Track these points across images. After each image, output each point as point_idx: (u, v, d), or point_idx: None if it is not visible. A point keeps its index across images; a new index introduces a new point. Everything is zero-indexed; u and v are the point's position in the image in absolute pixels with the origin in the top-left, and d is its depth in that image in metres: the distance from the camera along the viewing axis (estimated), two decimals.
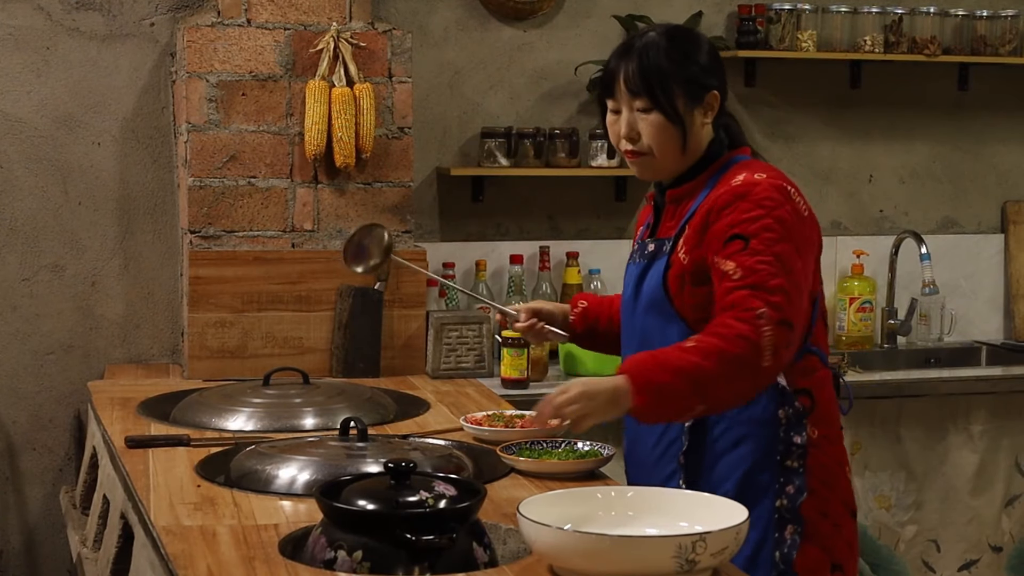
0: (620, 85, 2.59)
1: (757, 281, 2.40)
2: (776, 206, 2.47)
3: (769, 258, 2.42)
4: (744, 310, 2.39)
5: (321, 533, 2.12)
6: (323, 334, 3.91)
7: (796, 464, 2.54)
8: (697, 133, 2.61)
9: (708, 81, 2.61)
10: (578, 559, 1.98)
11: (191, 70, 3.86)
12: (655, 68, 2.57)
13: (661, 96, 2.56)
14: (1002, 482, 4.33)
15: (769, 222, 2.45)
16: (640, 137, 2.59)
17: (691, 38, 2.66)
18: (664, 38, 2.60)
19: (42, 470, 4.15)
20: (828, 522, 2.56)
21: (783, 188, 2.50)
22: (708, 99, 2.61)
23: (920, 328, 4.76)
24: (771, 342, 2.37)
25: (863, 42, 4.62)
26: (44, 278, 4.11)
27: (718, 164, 2.62)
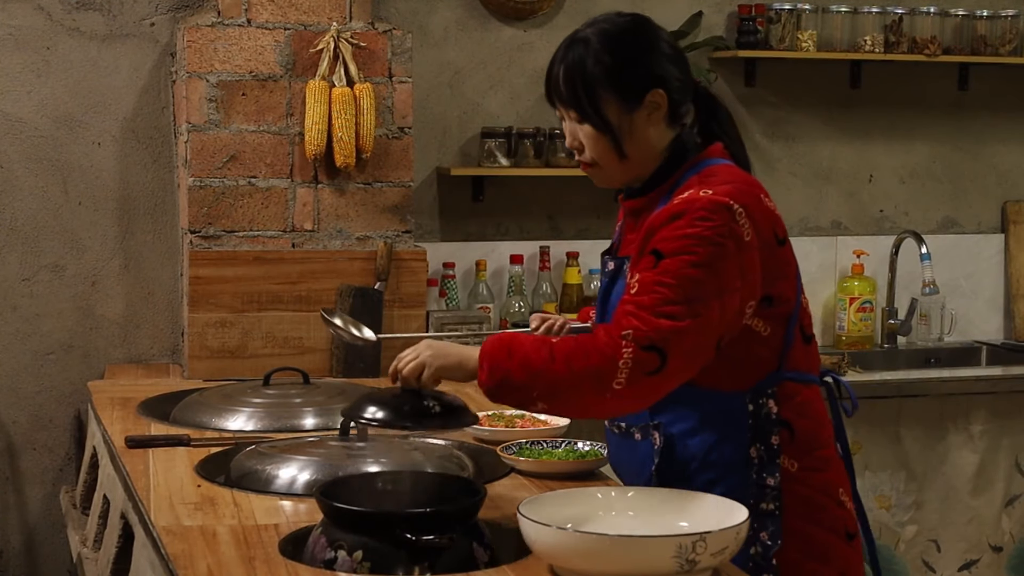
0: (553, 94, 2.43)
1: (646, 302, 2.22)
2: (709, 228, 2.25)
3: (673, 281, 2.22)
4: (616, 325, 2.21)
5: (321, 533, 2.12)
6: (323, 334, 3.91)
7: (772, 506, 2.37)
8: (642, 138, 2.39)
9: (647, 81, 2.37)
10: (578, 559, 1.98)
11: (191, 70, 3.86)
12: (579, 75, 2.37)
13: (588, 106, 2.37)
14: (1002, 482, 4.33)
15: (690, 243, 2.24)
16: (583, 146, 2.42)
17: (629, 34, 2.41)
18: (597, 37, 2.39)
19: (42, 470, 4.15)
20: (814, 560, 2.41)
21: (726, 207, 2.27)
22: (650, 100, 2.38)
23: (920, 328, 4.76)
24: (628, 365, 2.18)
25: (863, 42, 4.62)
26: (44, 278, 4.11)
27: (680, 171, 2.42)
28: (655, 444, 2.40)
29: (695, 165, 2.42)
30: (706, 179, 2.36)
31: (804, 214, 4.77)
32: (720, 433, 2.37)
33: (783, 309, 2.40)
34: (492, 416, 3.08)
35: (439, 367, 2.33)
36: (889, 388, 4.23)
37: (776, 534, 2.36)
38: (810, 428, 2.43)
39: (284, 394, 3.26)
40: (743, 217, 2.28)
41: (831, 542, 2.43)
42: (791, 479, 2.39)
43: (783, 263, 2.42)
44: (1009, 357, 4.72)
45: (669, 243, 2.25)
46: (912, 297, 4.71)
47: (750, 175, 2.47)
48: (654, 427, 2.40)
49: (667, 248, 2.25)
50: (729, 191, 2.30)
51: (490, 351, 2.27)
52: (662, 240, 2.26)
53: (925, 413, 4.24)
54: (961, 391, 4.29)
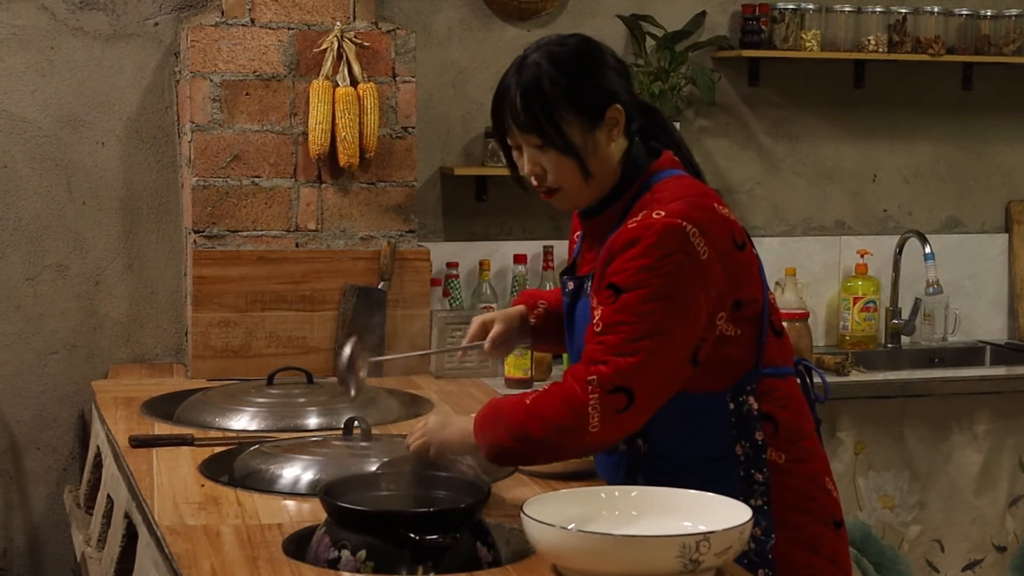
0: (509, 122, 2.41)
1: (611, 341, 2.25)
2: (663, 256, 2.26)
3: (632, 319, 2.25)
4: (584, 369, 2.26)
5: (325, 532, 2.12)
6: (327, 333, 3.91)
7: (760, 502, 2.39)
8: (603, 156, 2.40)
9: (604, 99, 2.38)
10: (582, 559, 1.98)
11: (195, 70, 3.86)
12: (538, 98, 2.36)
13: (551, 131, 2.35)
14: (1006, 482, 4.33)
15: (645, 277, 2.26)
16: (545, 173, 2.40)
17: (579, 53, 2.41)
18: (548, 60, 2.37)
19: (46, 469, 4.15)
20: (804, 551, 2.43)
21: (679, 230, 2.27)
22: (609, 116, 2.39)
23: (924, 328, 4.76)
24: (598, 409, 2.23)
25: (867, 42, 4.62)
26: (48, 277, 4.11)
27: (634, 187, 2.42)
28: (641, 451, 2.43)
29: (647, 180, 2.42)
30: (658, 196, 2.36)
31: (808, 214, 4.77)
32: (704, 434, 2.40)
33: (752, 310, 2.41)
34: None
35: (442, 443, 2.41)
36: (893, 388, 4.23)
37: (768, 528, 2.39)
38: (793, 420, 2.46)
39: (288, 394, 3.26)
40: (697, 236, 2.29)
41: (820, 531, 2.46)
42: (780, 471, 2.42)
43: (746, 266, 2.42)
44: (1013, 357, 4.72)
45: (626, 276, 2.27)
46: (916, 297, 4.70)
47: (702, 184, 2.46)
48: (639, 436, 2.41)
49: (624, 282, 2.27)
50: (681, 210, 2.31)
51: (480, 426, 2.36)
52: (619, 272, 2.28)
53: (929, 413, 4.24)
54: (965, 391, 4.28)
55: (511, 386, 3.91)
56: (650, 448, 2.42)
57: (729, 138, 4.65)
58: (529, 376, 3.94)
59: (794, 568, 2.42)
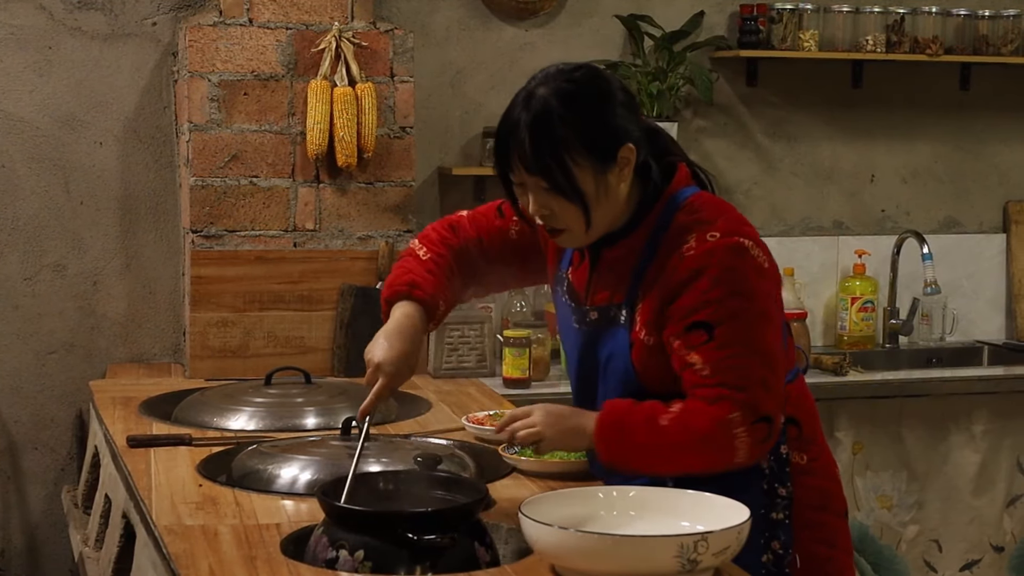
0: (517, 162, 2.30)
1: (727, 380, 2.23)
2: (738, 280, 2.25)
3: (739, 350, 2.23)
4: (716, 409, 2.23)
5: (323, 533, 2.12)
6: (325, 333, 3.91)
7: (782, 515, 2.38)
8: (614, 197, 2.32)
9: (617, 139, 2.30)
10: (580, 559, 1.98)
11: (193, 69, 3.86)
12: (550, 143, 2.25)
13: (560, 177, 2.26)
14: (1004, 482, 4.33)
15: (734, 305, 2.24)
16: (553, 212, 2.32)
17: (590, 91, 2.31)
18: (558, 99, 2.27)
19: (44, 469, 4.15)
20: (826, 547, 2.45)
21: (739, 248, 2.27)
22: (621, 157, 2.31)
23: (922, 328, 4.76)
24: (745, 443, 2.24)
25: (865, 42, 4.62)
26: (46, 277, 4.11)
27: (656, 211, 2.37)
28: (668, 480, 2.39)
29: (672, 199, 2.38)
30: (700, 217, 2.33)
31: (806, 214, 4.77)
32: None
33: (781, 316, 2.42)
34: (494, 416, 3.08)
35: (556, 440, 2.35)
36: (891, 388, 4.23)
37: (788, 543, 2.39)
38: (809, 419, 2.48)
39: (286, 394, 3.26)
40: (755, 248, 2.30)
41: (837, 525, 2.49)
42: (803, 472, 2.43)
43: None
44: (1011, 357, 4.72)
45: (710, 311, 2.24)
46: (914, 297, 4.71)
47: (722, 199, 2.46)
48: None
49: (712, 317, 2.24)
50: (732, 227, 2.31)
51: (604, 439, 2.29)
52: (699, 309, 2.25)
53: (927, 413, 4.24)
54: (963, 391, 4.29)
55: (509, 386, 3.91)
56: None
57: (727, 138, 4.65)
58: (527, 376, 3.94)
59: (818, 564, 2.43)
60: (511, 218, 2.59)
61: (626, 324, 2.38)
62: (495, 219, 2.63)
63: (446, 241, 2.62)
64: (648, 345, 2.35)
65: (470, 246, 2.61)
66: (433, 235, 2.64)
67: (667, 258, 2.32)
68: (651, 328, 2.34)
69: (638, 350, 2.37)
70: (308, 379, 3.35)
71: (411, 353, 2.45)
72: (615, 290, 2.40)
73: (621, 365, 2.39)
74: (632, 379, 2.39)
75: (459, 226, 2.65)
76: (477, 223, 2.64)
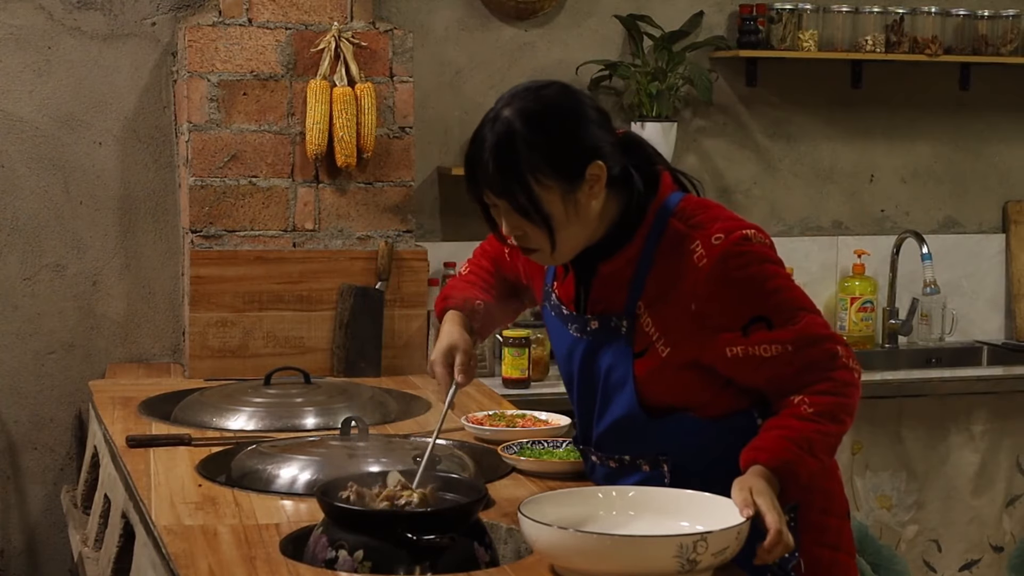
0: (483, 185, 2.30)
1: (811, 337, 2.28)
2: (759, 266, 2.29)
3: (797, 313, 2.28)
4: (826, 358, 2.28)
5: (322, 532, 2.12)
6: (324, 333, 3.91)
7: (787, 518, 2.31)
8: (585, 215, 2.29)
9: (585, 156, 2.26)
10: (579, 559, 1.98)
11: (192, 69, 3.86)
12: (513, 166, 2.23)
13: (524, 200, 2.24)
14: (1003, 482, 4.33)
15: (769, 286, 2.29)
16: (525, 233, 2.30)
17: (557, 110, 2.27)
18: (521, 120, 2.24)
19: (43, 469, 4.15)
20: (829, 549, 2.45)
21: (745, 238, 2.29)
22: (590, 175, 2.27)
23: (921, 328, 4.76)
24: (859, 369, 2.32)
25: (864, 42, 4.62)
26: (45, 277, 4.11)
27: (648, 221, 2.34)
28: (665, 477, 2.40)
29: (662, 206, 2.36)
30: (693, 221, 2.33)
31: (805, 214, 4.77)
32: (733, 456, 2.30)
33: None
34: (493, 416, 3.08)
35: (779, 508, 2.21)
36: (890, 388, 4.23)
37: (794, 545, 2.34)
38: None
39: (285, 394, 3.26)
40: (757, 234, 2.33)
41: (839, 526, 2.48)
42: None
43: None
44: (1010, 357, 4.72)
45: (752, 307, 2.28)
46: (913, 297, 4.71)
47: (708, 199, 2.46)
48: (663, 460, 2.39)
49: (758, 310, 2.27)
50: (730, 224, 2.32)
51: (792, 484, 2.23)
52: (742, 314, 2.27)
53: (926, 413, 4.24)
54: (962, 391, 4.29)
55: (509, 386, 3.91)
56: (675, 474, 2.39)
57: (726, 138, 4.65)
58: (527, 376, 3.94)
59: (822, 567, 2.42)
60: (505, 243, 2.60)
61: (627, 335, 2.37)
62: (496, 242, 2.68)
63: (485, 255, 2.76)
64: (661, 356, 2.33)
65: (501, 262, 2.72)
66: (474, 256, 2.80)
67: (674, 269, 2.31)
68: (671, 337, 2.33)
69: (646, 361, 2.35)
70: (307, 379, 3.35)
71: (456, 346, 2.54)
72: (612, 301, 2.39)
73: (621, 375, 2.38)
74: (630, 389, 2.37)
75: (483, 253, 2.79)
76: (489, 250, 2.76)
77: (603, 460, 2.49)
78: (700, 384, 2.36)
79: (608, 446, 2.46)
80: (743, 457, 2.24)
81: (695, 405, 2.38)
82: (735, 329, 2.28)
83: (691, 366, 2.34)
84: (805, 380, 2.28)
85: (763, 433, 2.27)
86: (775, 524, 2.09)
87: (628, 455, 2.44)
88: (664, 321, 2.33)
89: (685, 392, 2.36)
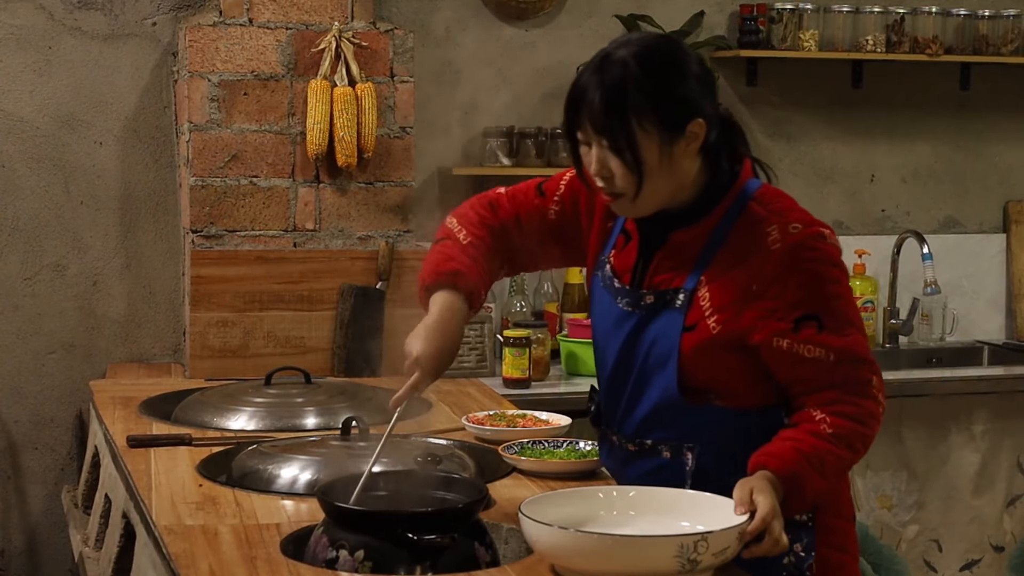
0: (584, 119, 2.28)
1: (853, 356, 2.28)
2: (827, 267, 2.32)
3: (848, 328, 2.29)
4: (858, 384, 2.29)
5: (323, 532, 2.12)
6: (325, 333, 3.91)
7: (805, 517, 2.36)
8: (678, 170, 2.31)
9: (689, 111, 2.28)
10: (580, 559, 1.98)
11: (193, 69, 3.86)
12: (620, 105, 2.24)
13: (623, 141, 2.25)
14: (1004, 482, 4.33)
15: (832, 289, 2.31)
16: (613, 175, 2.29)
17: (670, 59, 2.29)
18: (636, 62, 2.25)
19: (44, 469, 4.15)
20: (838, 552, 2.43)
21: (821, 236, 2.32)
22: (690, 131, 2.29)
23: (922, 328, 4.76)
24: (884, 404, 2.33)
25: (865, 42, 4.62)
26: (46, 277, 4.11)
27: (728, 200, 2.36)
28: (687, 465, 2.37)
29: (743, 189, 2.38)
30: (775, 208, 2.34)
31: None
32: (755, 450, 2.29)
33: None
34: (493, 416, 3.08)
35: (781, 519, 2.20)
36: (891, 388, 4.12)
37: (810, 546, 2.36)
38: None
39: (286, 393, 3.26)
40: (831, 236, 2.37)
41: (846, 528, 2.47)
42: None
43: None
44: (1011, 357, 4.72)
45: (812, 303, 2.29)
46: (914, 297, 4.71)
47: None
48: (688, 448, 2.37)
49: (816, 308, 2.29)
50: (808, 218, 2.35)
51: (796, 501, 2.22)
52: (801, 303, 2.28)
53: (927, 413, 4.24)
54: (963, 391, 4.28)
55: (509, 386, 3.91)
56: (699, 466, 2.37)
57: None
58: (527, 376, 3.94)
59: (830, 569, 2.41)
60: (552, 197, 2.56)
61: (681, 308, 2.35)
62: (535, 198, 2.58)
63: (485, 222, 2.58)
64: (712, 333, 2.32)
65: (509, 225, 2.58)
66: (472, 215, 2.59)
67: (745, 247, 2.32)
68: (724, 314, 2.31)
69: (695, 335, 2.34)
70: (308, 379, 3.35)
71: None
72: (677, 274, 2.37)
73: (666, 349, 2.36)
74: (672, 367, 2.35)
75: (498, 204, 2.60)
76: (516, 201, 2.59)
77: (622, 442, 2.45)
78: (740, 370, 2.34)
79: (632, 428, 2.43)
80: (752, 461, 2.23)
81: (729, 393, 2.36)
82: (788, 320, 2.28)
83: (736, 348, 2.32)
84: (833, 395, 2.28)
85: (777, 441, 2.26)
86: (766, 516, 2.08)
87: (650, 440, 2.41)
88: (721, 296, 2.32)
89: (724, 375, 2.35)
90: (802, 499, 2.23)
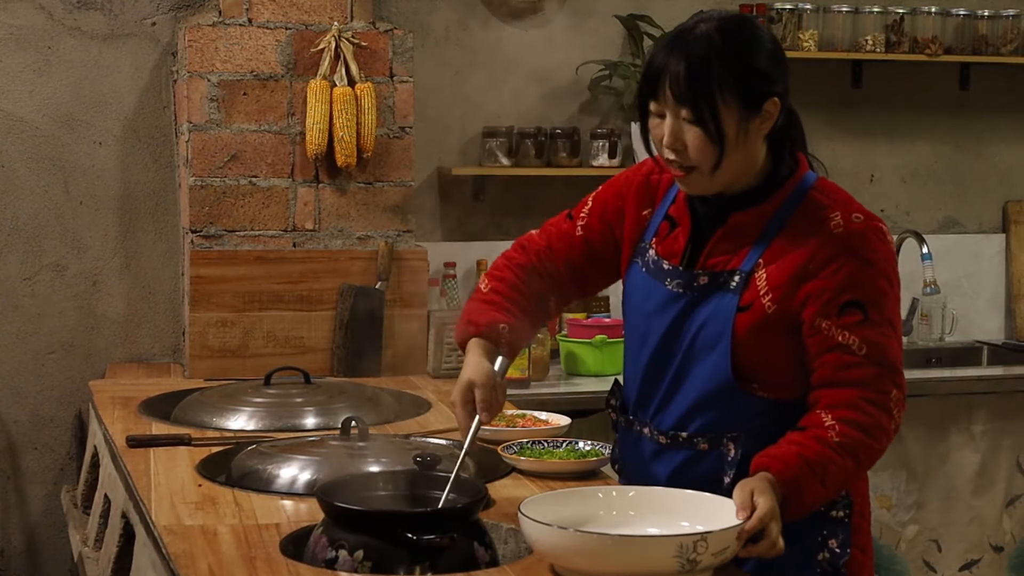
0: (665, 89, 2.27)
1: (883, 359, 2.27)
2: (884, 261, 2.33)
3: (888, 329, 2.28)
4: (877, 392, 2.25)
5: (322, 532, 2.12)
6: (324, 333, 3.91)
7: (842, 514, 2.34)
8: (751, 149, 2.33)
9: (768, 88, 2.32)
10: (579, 559, 1.98)
11: (192, 69, 3.86)
12: (706, 76, 2.25)
13: (707, 112, 2.26)
14: (1003, 482, 4.33)
15: (883, 284, 2.31)
16: (686, 148, 2.29)
17: (751, 34, 2.32)
18: (719, 35, 2.27)
19: (43, 469, 4.15)
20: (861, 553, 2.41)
21: (882, 232, 2.34)
22: (767, 108, 2.33)
23: (921, 328, 4.76)
24: (899, 416, 2.29)
25: (864, 42, 4.62)
26: (46, 277, 4.11)
27: (790, 186, 2.37)
28: (728, 456, 2.34)
29: (804, 177, 2.40)
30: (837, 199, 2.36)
31: None
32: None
33: None
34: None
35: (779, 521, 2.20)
36: None
37: (846, 542, 2.34)
38: None
39: (285, 394, 3.26)
40: (888, 233, 2.38)
41: (867, 529, 2.45)
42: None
43: None
44: (1010, 357, 4.72)
45: (862, 291, 2.28)
46: (913, 297, 4.71)
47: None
48: (731, 439, 2.34)
49: (864, 297, 2.28)
50: (870, 213, 2.36)
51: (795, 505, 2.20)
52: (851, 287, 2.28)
53: (926, 413, 4.24)
54: (962, 391, 4.28)
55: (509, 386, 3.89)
56: (740, 456, 2.33)
57: None
58: (527, 376, 3.94)
59: (854, 568, 2.39)
60: (578, 217, 2.57)
61: (736, 290, 2.34)
62: (563, 223, 2.60)
63: (511, 263, 2.59)
64: (767, 312, 2.31)
65: (542, 255, 2.58)
66: (500, 261, 2.62)
67: (806, 231, 2.32)
68: (780, 292, 2.31)
69: (749, 316, 2.32)
70: (307, 379, 3.35)
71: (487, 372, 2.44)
72: (733, 256, 2.37)
73: (718, 329, 2.34)
74: (723, 349, 2.33)
75: (528, 242, 2.62)
76: (547, 231, 2.62)
77: (653, 435, 2.41)
78: (788, 358, 2.32)
79: (672, 419, 2.39)
80: (755, 461, 2.22)
81: (774, 383, 2.33)
82: (835, 303, 2.28)
83: (788, 331, 2.31)
84: (848, 396, 2.25)
85: (783, 444, 2.24)
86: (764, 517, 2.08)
87: (688, 431, 2.37)
88: (779, 276, 2.31)
89: (772, 361, 2.32)
90: (800, 505, 2.21)
